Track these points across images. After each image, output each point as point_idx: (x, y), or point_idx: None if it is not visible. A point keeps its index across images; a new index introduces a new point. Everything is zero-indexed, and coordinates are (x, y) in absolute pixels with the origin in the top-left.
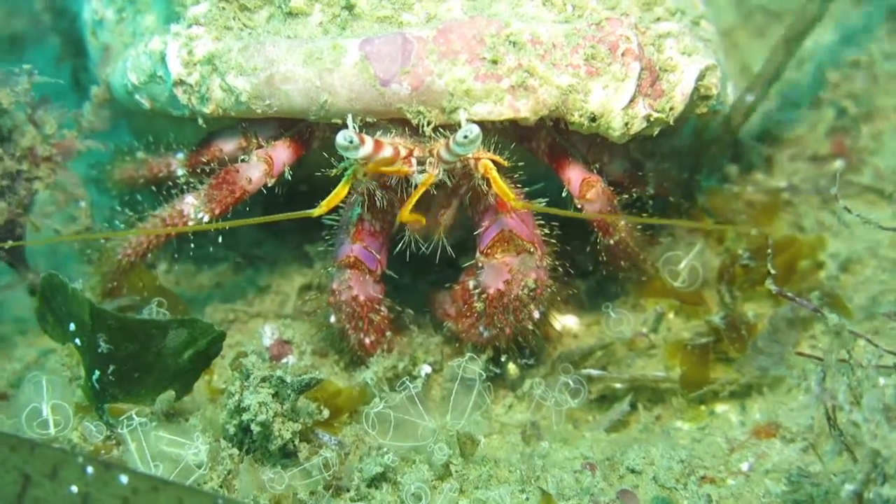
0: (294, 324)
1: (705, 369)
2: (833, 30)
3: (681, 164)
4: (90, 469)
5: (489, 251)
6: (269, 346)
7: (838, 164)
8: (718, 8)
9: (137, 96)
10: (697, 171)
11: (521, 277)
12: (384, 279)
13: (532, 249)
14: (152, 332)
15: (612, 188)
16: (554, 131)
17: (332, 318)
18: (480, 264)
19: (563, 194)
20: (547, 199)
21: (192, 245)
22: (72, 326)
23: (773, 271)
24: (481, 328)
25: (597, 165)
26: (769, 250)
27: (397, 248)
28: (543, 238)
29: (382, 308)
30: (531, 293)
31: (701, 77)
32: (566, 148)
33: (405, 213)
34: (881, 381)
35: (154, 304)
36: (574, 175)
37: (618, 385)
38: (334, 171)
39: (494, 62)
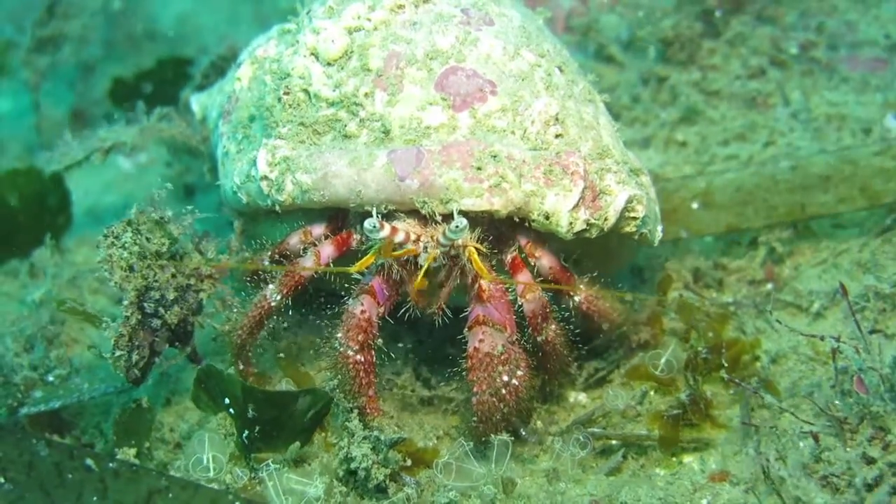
0: (385, 394)
1: (676, 432)
2: None
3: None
4: None
5: (467, 329)
6: None
7: (769, 286)
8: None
9: (239, 194)
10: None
11: (492, 339)
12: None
13: (502, 329)
14: (287, 401)
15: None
16: (518, 253)
17: (339, 334)
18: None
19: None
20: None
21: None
22: (226, 400)
23: (725, 363)
24: (473, 390)
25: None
26: (723, 349)
27: (400, 312)
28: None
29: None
30: (501, 356)
31: (630, 202)
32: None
33: (418, 283)
34: (801, 444)
35: (284, 382)
36: (522, 278)
37: (613, 442)
38: (363, 247)
39: (479, 169)
